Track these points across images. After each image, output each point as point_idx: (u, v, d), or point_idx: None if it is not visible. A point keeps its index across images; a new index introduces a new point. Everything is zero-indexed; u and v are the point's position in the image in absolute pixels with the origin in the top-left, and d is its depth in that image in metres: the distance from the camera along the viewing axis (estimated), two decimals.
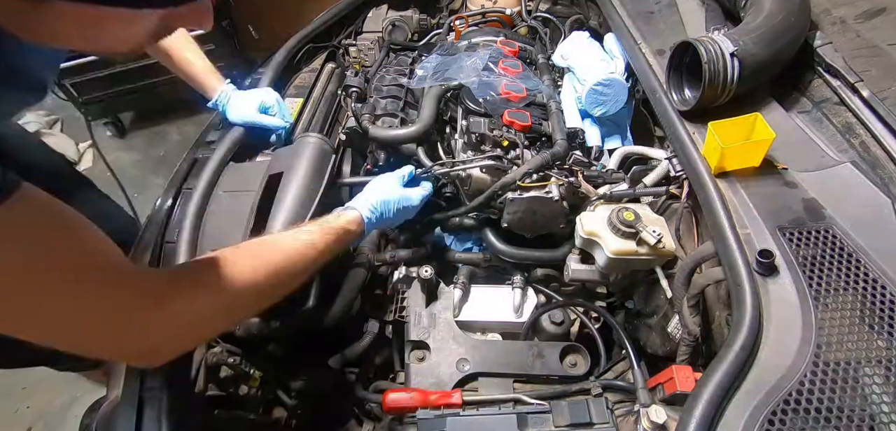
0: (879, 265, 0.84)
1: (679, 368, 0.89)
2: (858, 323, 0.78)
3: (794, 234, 0.89)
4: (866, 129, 1.05)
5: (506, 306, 1.18)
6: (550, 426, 0.91)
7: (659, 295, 1.13)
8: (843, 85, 1.13)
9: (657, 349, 1.11)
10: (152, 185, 3.13)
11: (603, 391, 0.98)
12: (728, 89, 1.08)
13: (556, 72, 1.58)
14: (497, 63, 1.46)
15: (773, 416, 0.69)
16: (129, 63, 2.96)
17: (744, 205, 0.95)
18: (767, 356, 0.75)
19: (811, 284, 0.82)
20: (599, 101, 1.38)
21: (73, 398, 2.16)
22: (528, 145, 1.29)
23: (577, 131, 1.36)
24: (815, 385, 0.71)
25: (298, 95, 1.51)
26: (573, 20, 1.83)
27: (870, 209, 0.93)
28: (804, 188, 0.97)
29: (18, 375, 2.29)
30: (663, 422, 0.85)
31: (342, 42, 1.89)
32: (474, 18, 1.91)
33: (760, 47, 1.09)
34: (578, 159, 1.27)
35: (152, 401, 0.86)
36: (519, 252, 1.24)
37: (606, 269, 1.13)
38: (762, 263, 0.83)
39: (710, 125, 1.00)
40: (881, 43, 1.16)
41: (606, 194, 1.16)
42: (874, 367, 0.74)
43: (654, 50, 1.33)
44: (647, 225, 1.06)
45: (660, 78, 1.24)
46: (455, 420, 0.92)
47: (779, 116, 1.14)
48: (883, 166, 1.00)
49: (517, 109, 1.34)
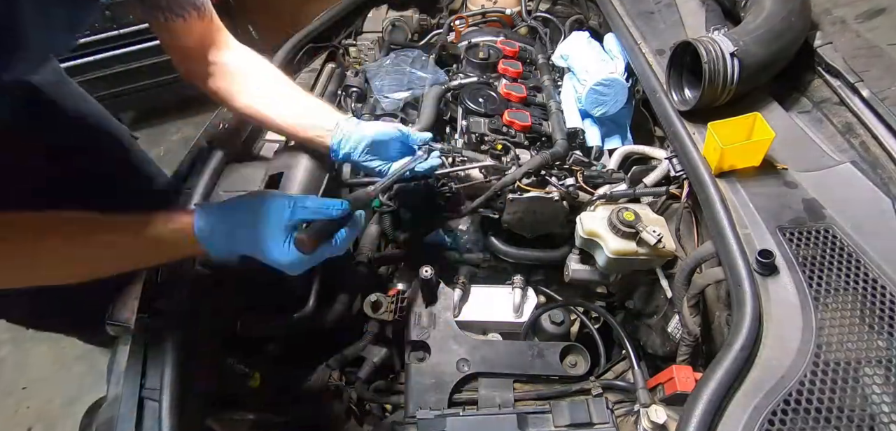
0: (879, 265, 0.84)
1: (679, 368, 0.89)
2: (858, 323, 0.78)
3: (794, 234, 0.89)
4: (866, 129, 1.05)
5: (506, 306, 1.18)
6: (550, 426, 0.91)
7: (659, 295, 1.13)
8: (843, 85, 1.13)
9: (657, 349, 1.11)
10: None
11: (603, 391, 0.98)
12: (728, 89, 1.08)
13: (556, 72, 1.58)
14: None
15: (773, 416, 0.69)
16: (129, 63, 2.96)
17: (744, 205, 0.95)
18: (767, 356, 0.75)
19: (811, 284, 0.82)
20: (599, 101, 1.38)
21: (73, 398, 2.16)
22: (527, 145, 1.29)
23: (577, 131, 1.36)
24: (815, 386, 0.71)
25: None
26: (573, 20, 1.83)
27: (870, 209, 0.93)
28: (804, 188, 0.97)
29: (18, 375, 2.30)
30: (663, 422, 0.85)
31: (342, 42, 1.89)
32: (474, 18, 1.91)
33: (760, 47, 1.09)
34: (578, 159, 1.27)
35: (152, 401, 0.86)
36: (519, 252, 1.24)
37: (606, 269, 1.13)
38: (762, 263, 0.83)
39: (709, 125, 1.00)
40: (881, 43, 1.16)
41: (606, 194, 1.16)
42: (874, 367, 0.74)
43: (654, 50, 1.33)
44: (647, 225, 1.06)
45: (660, 78, 1.24)
46: (455, 420, 0.92)
47: (779, 116, 1.14)
48: (883, 166, 1.00)
49: (517, 109, 1.34)
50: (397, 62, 1.55)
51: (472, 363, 1.04)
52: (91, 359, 2.30)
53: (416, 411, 0.95)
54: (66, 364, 2.31)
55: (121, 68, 2.99)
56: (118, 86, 3.07)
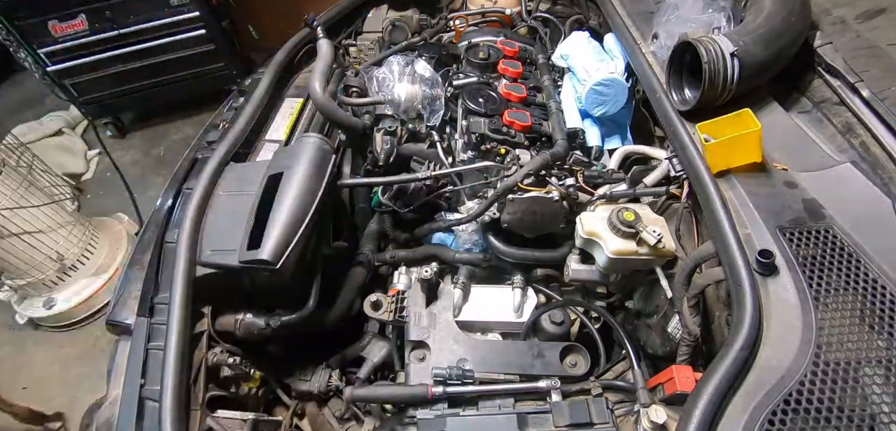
0: (879, 265, 0.84)
1: (679, 368, 0.89)
2: (858, 323, 0.78)
3: (794, 234, 0.89)
4: (866, 129, 1.05)
5: (506, 306, 1.18)
6: (550, 426, 0.91)
7: (659, 295, 1.13)
8: (843, 85, 1.13)
9: (657, 349, 1.11)
10: (152, 185, 3.13)
11: (603, 391, 0.98)
12: (728, 89, 1.08)
13: (556, 72, 1.59)
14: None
15: (773, 416, 0.69)
16: (129, 63, 2.97)
17: (744, 205, 0.95)
18: (767, 356, 0.75)
19: (811, 284, 0.82)
20: (599, 101, 1.38)
21: (73, 398, 2.16)
22: (527, 145, 1.29)
23: (577, 131, 1.36)
24: (815, 385, 0.71)
25: (298, 95, 1.51)
26: (573, 20, 1.83)
27: (870, 209, 0.93)
28: (804, 188, 0.97)
29: (18, 375, 2.30)
30: (663, 422, 0.85)
31: (342, 42, 1.89)
32: (474, 18, 1.91)
33: (760, 47, 1.09)
34: (578, 159, 1.27)
35: (152, 401, 0.86)
36: (519, 252, 1.24)
37: (606, 269, 1.13)
38: (762, 263, 0.83)
39: (697, 127, 1.00)
40: (881, 43, 1.16)
41: (606, 194, 1.16)
42: (874, 367, 0.74)
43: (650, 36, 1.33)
44: (647, 225, 1.06)
45: (660, 78, 1.24)
46: (455, 420, 0.92)
47: (779, 116, 1.14)
48: (883, 166, 1.00)
49: (517, 109, 1.34)
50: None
51: (472, 363, 1.04)
52: (91, 359, 2.30)
53: (417, 411, 0.95)
54: (66, 364, 2.31)
55: (121, 68, 2.99)
56: (118, 86, 3.08)
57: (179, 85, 3.15)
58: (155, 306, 0.97)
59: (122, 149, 3.38)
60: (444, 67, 1.58)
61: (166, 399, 0.84)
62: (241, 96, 1.47)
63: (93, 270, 2.43)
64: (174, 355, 0.88)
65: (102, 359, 2.01)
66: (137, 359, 0.91)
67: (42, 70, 2.90)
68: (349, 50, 1.90)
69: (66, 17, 2.78)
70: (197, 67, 3.08)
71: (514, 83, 1.46)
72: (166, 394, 0.84)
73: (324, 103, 1.28)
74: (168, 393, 0.84)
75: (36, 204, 2.18)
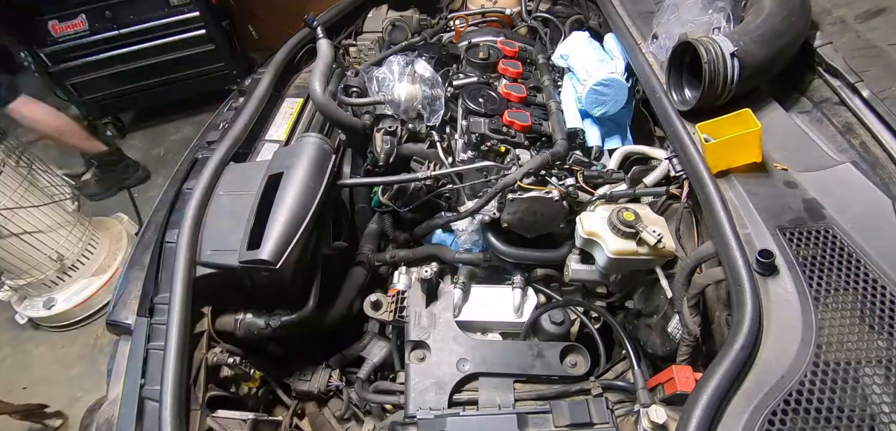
0: (879, 265, 0.84)
1: (679, 368, 0.89)
2: (858, 323, 0.78)
3: (795, 234, 0.89)
4: (866, 129, 1.05)
5: (506, 306, 1.18)
6: (550, 426, 0.91)
7: (659, 295, 1.13)
8: (843, 85, 1.13)
9: (657, 349, 1.11)
10: (152, 185, 3.14)
11: (603, 391, 0.98)
12: (728, 89, 1.08)
13: (556, 72, 1.59)
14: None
15: (773, 416, 0.69)
16: (129, 63, 2.97)
17: (744, 205, 0.95)
18: (767, 356, 0.75)
19: (811, 284, 0.82)
20: (599, 101, 1.38)
21: (73, 398, 2.16)
22: (527, 145, 1.29)
23: (577, 131, 1.36)
24: (815, 386, 0.71)
25: (298, 95, 1.52)
26: (573, 20, 1.83)
27: (870, 209, 0.93)
28: (804, 188, 0.97)
29: (18, 375, 2.30)
30: (663, 422, 0.85)
31: (342, 42, 1.89)
32: (474, 18, 1.91)
33: (760, 47, 1.09)
34: (578, 159, 1.27)
35: (152, 401, 0.86)
36: (519, 252, 1.24)
37: (606, 269, 1.13)
38: (762, 263, 0.83)
39: (697, 127, 1.00)
40: (881, 43, 1.16)
41: (606, 194, 1.16)
42: (874, 367, 0.74)
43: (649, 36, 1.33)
44: (647, 225, 1.06)
45: (660, 78, 1.24)
46: (455, 420, 0.92)
47: (779, 116, 1.14)
48: (883, 166, 1.00)
49: (517, 109, 1.34)
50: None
51: (472, 363, 1.04)
52: (91, 359, 2.30)
53: (416, 411, 0.95)
54: (66, 364, 2.31)
55: (121, 68, 2.99)
56: (118, 86, 3.08)
57: (179, 85, 3.16)
58: (155, 306, 0.97)
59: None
60: (444, 67, 1.58)
61: (166, 399, 0.84)
62: (241, 96, 1.47)
63: (93, 270, 2.43)
64: (174, 355, 0.88)
65: (102, 359, 2.02)
66: (137, 359, 0.91)
67: (42, 70, 2.91)
68: (349, 50, 1.90)
69: (66, 18, 2.78)
70: (197, 67, 3.09)
71: (514, 83, 1.46)
72: (166, 394, 0.84)
73: (324, 103, 1.28)
74: (168, 393, 0.84)
75: (36, 204, 2.19)
